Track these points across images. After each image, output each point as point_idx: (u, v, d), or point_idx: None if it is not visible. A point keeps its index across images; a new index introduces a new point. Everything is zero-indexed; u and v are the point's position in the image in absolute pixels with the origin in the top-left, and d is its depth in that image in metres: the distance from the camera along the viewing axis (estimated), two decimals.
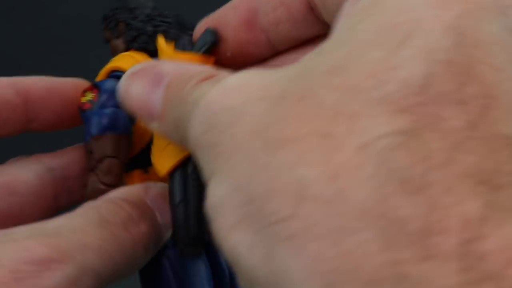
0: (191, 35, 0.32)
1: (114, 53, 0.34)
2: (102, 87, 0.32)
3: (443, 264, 0.15)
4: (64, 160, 0.33)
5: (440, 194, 0.16)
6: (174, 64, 0.26)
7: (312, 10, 0.28)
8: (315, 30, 0.28)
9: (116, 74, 0.32)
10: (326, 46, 0.20)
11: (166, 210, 0.30)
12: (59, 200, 0.32)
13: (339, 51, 0.19)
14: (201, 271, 0.32)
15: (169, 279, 0.31)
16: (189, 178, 0.29)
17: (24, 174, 0.31)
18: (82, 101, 0.32)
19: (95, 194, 0.30)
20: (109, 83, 0.32)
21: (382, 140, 0.17)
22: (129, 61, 0.32)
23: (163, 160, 0.29)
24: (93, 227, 0.26)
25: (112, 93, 0.31)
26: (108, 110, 0.31)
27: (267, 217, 0.18)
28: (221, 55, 0.30)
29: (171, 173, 0.29)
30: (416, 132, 0.17)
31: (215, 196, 0.20)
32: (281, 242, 0.18)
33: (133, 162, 0.32)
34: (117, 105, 0.31)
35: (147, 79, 0.26)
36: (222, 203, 0.20)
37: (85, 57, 0.86)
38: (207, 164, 0.21)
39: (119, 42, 0.33)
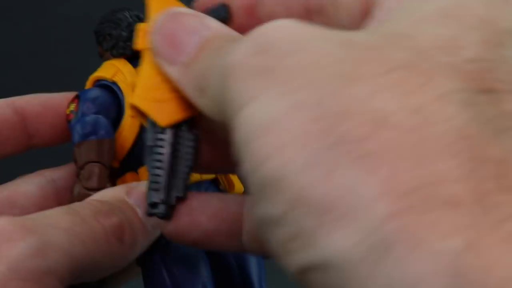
0: None
1: None
2: (82, 97, 0.32)
3: None
4: (65, 172, 0.33)
5: None
6: (220, 24, 0.26)
7: (310, 16, 0.27)
8: None
9: (101, 83, 0.33)
10: (382, 23, 0.21)
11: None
12: None
13: (401, 23, 0.20)
14: (200, 272, 0.32)
15: (163, 276, 0.31)
16: (183, 138, 0.28)
17: (24, 187, 0.32)
18: (67, 112, 0.33)
19: (80, 199, 0.30)
20: (89, 92, 0.33)
21: (461, 93, 0.18)
22: (109, 69, 0.33)
23: (167, 110, 0.27)
24: (63, 214, 0.27)
25: (92, 100, 0.32)
26: (88, 118, 0.32)
27: (337, 136, 0.18)
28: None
29: (162, 128, 0.28)
30: (488, 95, 0.18)
31: (266, 112, 0.19)
32: (352, 159, 0.18)
33: (125, 166, 0.33)
34: (98, 112, 0.32)
35: (189, 24, 0.25)
36: (276, 119, 0.19)
37: (85, 57, 0.86)
38: (250, 85, 0.20)
39: (108, 54, 0.34)
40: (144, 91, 0.28)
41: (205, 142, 0.29)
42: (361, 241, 0.17)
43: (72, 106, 0.32)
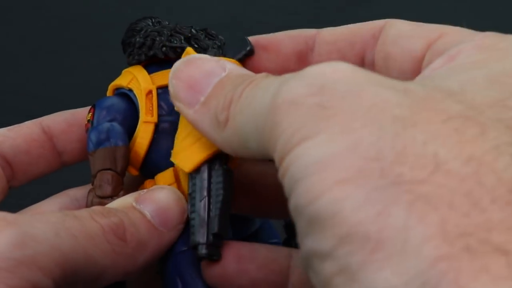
0: (189, 38, 0.32)
1: None
2: (97, 105, 0.33)
3: None
4: (87, 190, 0.33)
5: None
6: (234, 64, 0.27)
7: (363, 66, 0.28)
8: None
9: (119, 91, 0.33)
10: (431, 78, 0.22)
11: (153, 209, 0.30)
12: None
13: (451, 82, 0.21)
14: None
15: (177, 285, 0.31)
16: (213, 175, 0.29)
17: (46, 207, 0.32)
18: (85, 123, 0.33)
19: None
20: (105, 100, 0.33)
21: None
22: (126, 76, 0.33)
23: (189, 157, 0.29)
24: (54, 212, 0.28)
25: (107, 108, 0.32)
26: (101, 126, 0.32)
27: (392, 177, 0.19)
28: (260, 70, 0.30)
29: (195, 172, 0.29)
30: None
31: (320, 153, 0.20)
32: (405, 202, 0.18)
33: (143, 173, 0.33)
34: (112, 119, 0.32)
35: (204, 68, 0.27)
36: (331, 159, 0.19)
37: (85, 57, 0.86)
38: (305, 124, 0.20)
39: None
40: (176, 145, 0.30)
41: (245, 184, 0.30)
42: (409, 281, 0.17)
43: (89, 116, 0.33)
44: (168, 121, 0.32)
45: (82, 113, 0.34)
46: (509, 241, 0.17)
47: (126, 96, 0.33)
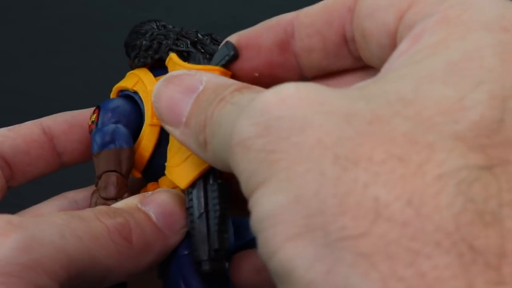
0: (195, 42, 0.32)
1: None
2: (102, 107, 0.33)
3: None
4: (88, 193, 0.33)
5: None
6: (211, 75, 0.27)
7: (346, 43, 0.28)
8: (345, 63, 0.29)
9: (123, 93, 0.33)
10: (388, 76, 0.21)
11: (158, 211, 0.30)
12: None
13: (405, 83, 0.20)
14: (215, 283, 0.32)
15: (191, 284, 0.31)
16: (208, 191, 0.29)
17: (45, 209, 0.32)
18: (88, 124, 0.33)
19: None
20: (109, 102, 0.33)
21: (459, 173, 0.18)
22: (132, 79, 0.33)
23: (183, 173, 0.29)
24: (59, 213, 0.27)
25: (112, 110, 0.32)
26: (107, 128, 0.32)
27: (336, 232, 0.18)
28: (248, 74, 0.30)
29: (191, 186, 0.29)
30: (489, 170, 0.18)
31: (270, 205, 0.20)
32: (349, 259, 0.18)
33: (146, 176, 0.33)
34: (117, 121, 0.32)
35: (182, 85, 0.27)
36: (280, 212, 0.19)
37: (85, 57, 0.86)
38: (256, 170, 0.21)
39: (134, 65, 0.34)
40: (169, 160, 0.30)
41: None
42: None
43: (93, 117, 0.33)
44: None
45: (83, 115, 0.34)
46: None
47: (131, 98, 0.33)
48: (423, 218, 0.18)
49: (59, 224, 0.26)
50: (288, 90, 0.21)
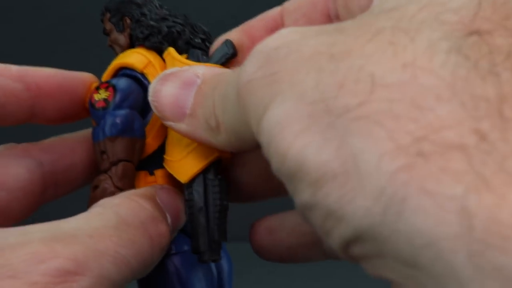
0: (204, 39, 0.32)
1: (113, 46, 0.33)
2: (117, 86, 0.31)
3: None
4: (53, 155, 0.32)
5: (510, 77, 0.18)
6: (205, 67, 0.27)
7: (331, 22, 0.28)
8: None
9: (126, 72, 0.32)
10: (372, 7, 0.22)
11: (175, 212, 0.30)
12: (45, 195, 0.32)
13: (388, 3, 0.21)
14: (203, 274, 0.32)
15: (175, 285, 0.31)
16: (209, 185, 0.29)
17: (15, 169, 0.31)
18: (96, 99, 0.31)
19: (105, 197, 0.30)
20: (124, 83, 0.31)
21: (449, 39, 0.19)
22: (140, 59, 0.32)
23: (184, 167, 0.29)
24: (110, 230, 0.26)
25: (128, 93, 0.31)
26: (124, 111, 0.30)
27: (338, 109, 0.19)
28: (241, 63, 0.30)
29: (191, 180, 0.29)
30: (477, 35, 0.19)
31: (278, 113, 0.20)
32: (354, 126, 0.18)
33: (142, 164, 0.32)
34: (131, 106, 0.31)
35: (179, 80, 0.27)
36: (286, 115, 0.20)
37: (85, 57, 0.86)
38: (262, 96, 0.21)
39: (122, 37, 0.33)
40: (168, 153, 0.30)
41: (245, 175, 0.31)
42: (375, 202, 0.18)
43: (105, 94, 0.31)
44: None
45: (72, 80, 0.32)
46: (461, 135, 0.17)
47: (135, 79, 0.32)
48: (420, 78, 0.18)
49: (115, 253, 0.25)
50: (281, 31, 0.22)
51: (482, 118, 0.17)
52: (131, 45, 0.32)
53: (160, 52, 0.32)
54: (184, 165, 0.29)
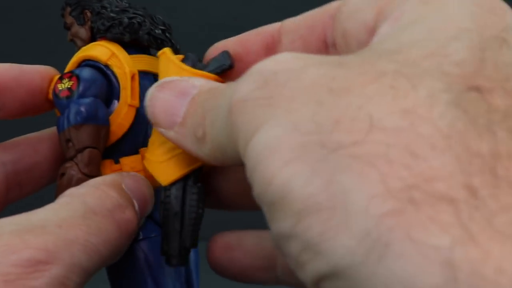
0: (164, 30, 0.32)
1: (74, 40, 0.33)
2: (81, 76, 0.31)
3: (509, 189, 0.17)
4: (15, 154, 0.32)
5: (505, 138, 0.18)
6: (203, 80, 0.28)
7: (327, 48, 0.29)
8: None
9: (89, 63, 0.32)
10: (371, 45, 0.22)
11: (141, 199, 0.30)
12: (10, 194, 0.32)
13: (390, 43, 0.21)
14: (177, 277, 0.32)
15: (143, 270, 0.31)
16: (187, 192, 0.29)
17: None
18: (60, 88, 0.31)
19: (73, 184, 0.30)
20: (87, 72, 0.31)
21: (449, 92, 0.19)
22: (103, 51, 0.32)
23: (167, 170, 0.29)
24: (78, 220, 0.26)
25: (91, 82, 0.31)
26: (88, 100, 0.31)
27: (332, 144, 0.19)
28: (237, 76, 0.30)
29: (170, 184, 0.30)
30: (477, 91, 0.19)
31: (268, 137, 0.20)
32: (346, 164, 0.18)
33: (107, 152, 0.32)
34: (96, 95, 0.31)
35: (176, 89, 0.27)
36: (277, 141, 0.20)
37: None
38: (255, 116, 0.21)
39: (83, 30, 0.33)
40: (150, 152, 0.30)
41: (225, 183, 0.31)
42: (359, 243, 0.18)
43: (69, 84, 0.31)
44: (142, 107, 0.31)
45: (30, 73, 0.32)
46: (452, 188, 0.17)
47: (99, 70, 0.32)
48: (418, 126, 0.18)
49: (85, 242, 0.26)
50: (283, 55, 0.22)
51: (474, 173, 0.18)
52: (92, 38, 0.33)
53: (121, 43, 0.32)
54: (166, 167, 0.29)
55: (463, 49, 0.20)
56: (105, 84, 0.32)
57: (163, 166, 0.30)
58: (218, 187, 0.32)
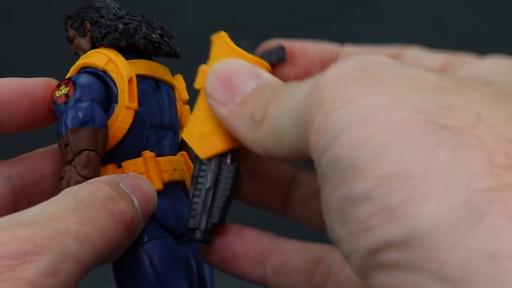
0: (162, 35, 0.33)
1: (78, 52, 0.34)
2: (77, 81, 0.32)
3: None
4: (21, 168, 0.33)
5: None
6: (271, 75, 0.28)
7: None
8: None
9: (88, 70, 0.33)
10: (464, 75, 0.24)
11: (142, 196, 0.30)
12: (19, 207, 0.32)
13: (481, 75, 0.23)
14: (179, 265, 0.32)
15: (148, 273, 0.31)
16: (224, 169, 0.30)
17: None
18: (57, 95, 0.32)
19: (71, 185, 0.30)
20: (83, 78, 0.32)
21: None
22: (101, 58, 0.32)
23: (208, 144, 0.30)
24: (69, 212, 0.26)
25: (88, 86, 0.32)
26: (84, 104, 0.31)
27: (439, 125, 0.19)
28: (286, 77, 0.30)
29: (208, 159, 0.30)
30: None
31: (367, 109, 0.20)
32: (451, 144, 0.19)
33: (109, 156, 0.32)
34: (92, 99, 0.31)
35: (247, 70, 0.27)
36: (377, 113, 0.20)
37: None
38: (351, 92, 0.21)
39: (84, 41, 0.34)
40: (192, 126, 0.30)
41: (248, 174, 0.31)
42: (452, 211, 0.18)
43: (65, 90, 0.32)
44: (142, 110, 0.32)
45: (33, 84, 0.33)
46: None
47: (97, 76, 0.32)
48: None
49: (77, 232, 0.26)
50: (379, 55, 0.23)
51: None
52: (93, 47, 0.33)
53: (119, 49, 0.33)
54: (207, 142, 0.30)
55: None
56: (102, 89, 0.32)
57: (204, 140, 0.30)
58: (243, 176, 0.31)
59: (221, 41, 0.31)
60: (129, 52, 0.33)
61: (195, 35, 0.67)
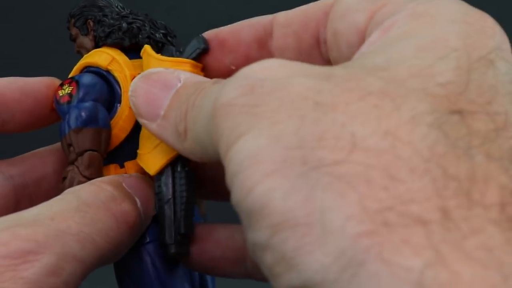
0: (165, 34, 0.33)
1: (80, 51, 0.34)
2: (80, 81, 0.32)
3: (484, 211, 0.18)
4: (22, 168, 0.33)
5: (483, 162, 0.19)
6: (189, 73, 0.28)
7: (319, 45, 0.29)
8: (316, 64, 0.29)
9: (91, 70, 0.33)
10: (360, 58, 0.23)
11: (144, 197, 0.30)
12: (21, 207, 0.32)
13: (379, 58, 0.22)
14: (181, 266, 0.32)
15: (150, 274, 0.31)
16: (176, 178, 0.30)
17: None
18: (60, 94, 0.32)
19: (73, 186, 0.30)
20: (87, 77, 0.32)
21: (431, 115, 0.19)
22: (104, 57, 0.32)
23: (152, 160, 0.30)
24: (71, 212, 0.27)
25: (91, 86, 0.32)
26: (88, 104, 0.31)
27: (314, 162, 0.19)
28: (226, 67, 0.30)
29: (160, 173, 0.30)
30: (458, 115, 0.20)
31: (250, 148, 0.20)
32: (326, 182, 0.19)
33: (112, 156, 0.32)
34: (96, 99, 0.31)
35: (160, 81, 0.27)
36: (260, 152, 0.20)
37: None
38: (239, 122, 0.21)
39: (87, 40, 0.34)
40: (140, 147, 0.31)
41: (207, 174, 0.31)
42: (334, 261, 0.18)
43: (69, 89, 0.32)
44: None
45: (35, 84, 0.33)
46: (426, 211, 0.18)
47: (101, 76, 0.33)
48: (398, 148, 0.19)
49: (79, 232, 0.26)
50: (271, 61, 0.22)
51: (449, 196, 0.18)
52: (96, 46, 0.33)
53: (123, 48, 0.32)
54: (152, 157, 0.30)
55: (449, 71, 0.21)
56: (106, 88, 0.32)
57: (149, 157, 0.30)
58: (204, 176, 0.32)
59: (145, 55, 0.31)
60: (133, 51, 0.33)
61: (195, 35, 0.67)
